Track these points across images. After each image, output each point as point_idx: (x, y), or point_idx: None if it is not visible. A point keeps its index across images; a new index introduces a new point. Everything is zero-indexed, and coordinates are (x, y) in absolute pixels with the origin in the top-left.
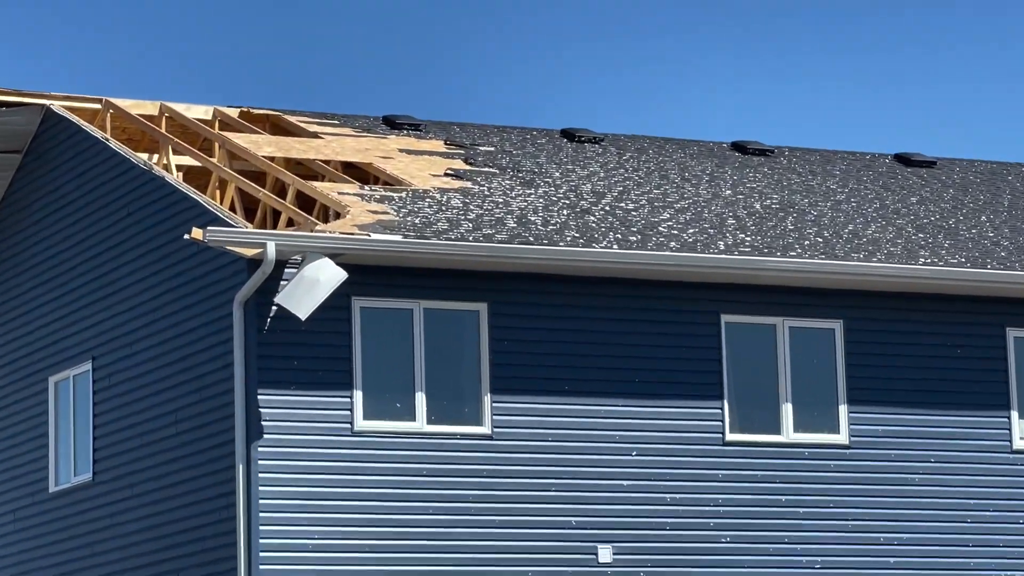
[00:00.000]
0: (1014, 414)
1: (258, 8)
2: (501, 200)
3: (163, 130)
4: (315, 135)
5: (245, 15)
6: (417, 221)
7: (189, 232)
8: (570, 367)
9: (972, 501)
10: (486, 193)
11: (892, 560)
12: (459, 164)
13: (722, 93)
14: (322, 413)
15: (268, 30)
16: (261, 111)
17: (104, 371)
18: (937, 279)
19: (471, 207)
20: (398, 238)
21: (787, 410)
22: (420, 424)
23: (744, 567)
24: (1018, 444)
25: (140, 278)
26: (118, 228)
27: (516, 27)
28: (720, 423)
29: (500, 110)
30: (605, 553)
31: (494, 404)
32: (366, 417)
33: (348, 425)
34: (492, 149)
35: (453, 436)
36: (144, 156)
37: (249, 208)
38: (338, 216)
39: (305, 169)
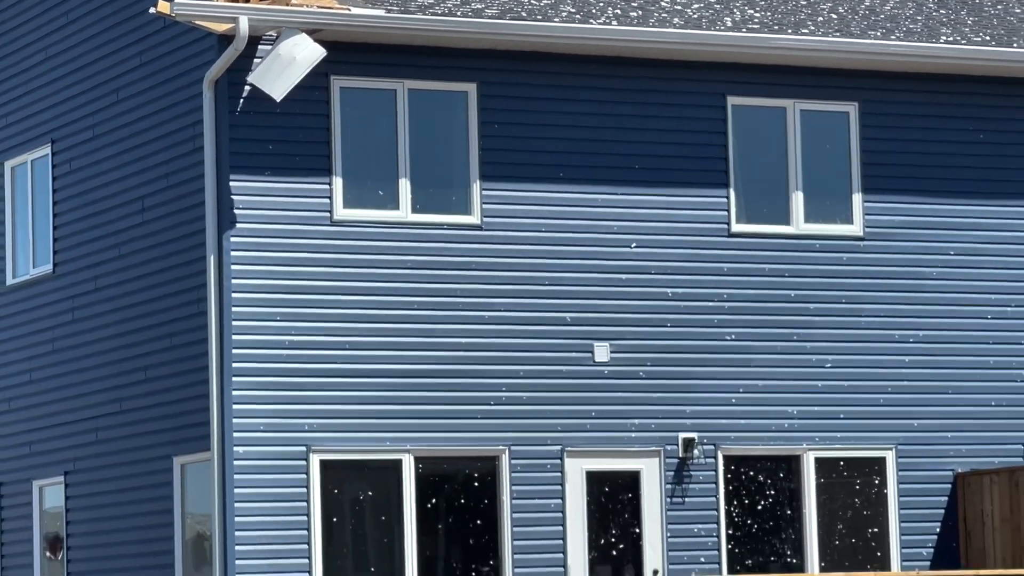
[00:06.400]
0: None
1: None
2: None
3: None
4: None
5: None
6: None
7: (155, 5)
8: (565, 152)
9: (994, 296)
10: None
11: (907, 359)
12: None
13: None
14: (299, 201)
15: None
16: None
17: (64, 155)
18: (959, 58)
19: None
20: (381, 13)
21: (797, 199)
22: (404, 213)
23: (750, 366)
24: None
25: (103, 55)
26: (77, 1)
27: None
28: (725, 213)
29: None
30: (602, 351)
31: (483, 192)
32: (346, 205)
33: (327, 214)
34: None
35: (439, 226)
36: None
37: None
38: None
39: None
